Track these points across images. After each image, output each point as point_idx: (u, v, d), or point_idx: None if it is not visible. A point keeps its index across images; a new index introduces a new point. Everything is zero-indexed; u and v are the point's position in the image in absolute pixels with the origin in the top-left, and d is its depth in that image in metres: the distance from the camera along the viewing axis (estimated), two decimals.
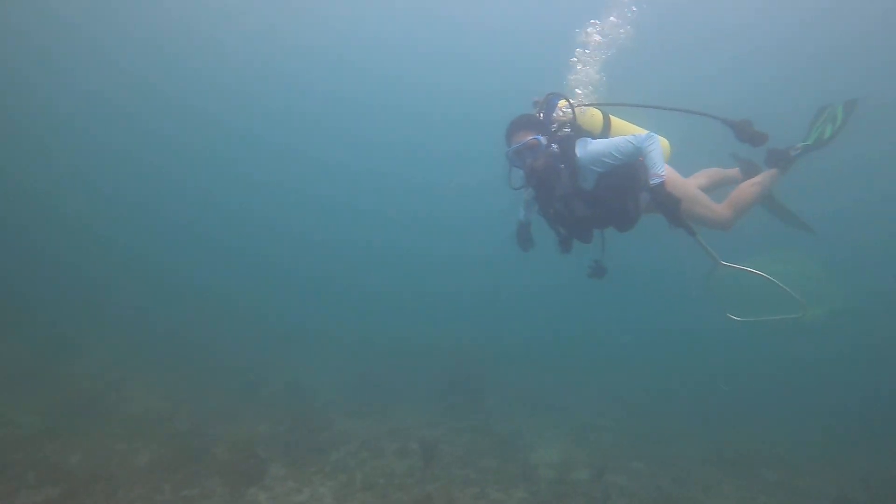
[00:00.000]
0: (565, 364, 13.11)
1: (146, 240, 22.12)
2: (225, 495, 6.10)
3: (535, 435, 9.04)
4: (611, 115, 4.36)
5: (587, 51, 5.10)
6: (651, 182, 3.72)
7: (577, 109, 4.12)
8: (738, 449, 8.58)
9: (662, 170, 3.74)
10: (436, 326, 14.78)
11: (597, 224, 4.15)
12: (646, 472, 7.68)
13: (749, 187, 4.67)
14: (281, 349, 12.39)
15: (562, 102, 4.09)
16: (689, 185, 4.49)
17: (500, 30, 23.70)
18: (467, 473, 7.21)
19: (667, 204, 3.68)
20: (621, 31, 5.65)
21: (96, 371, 9.91)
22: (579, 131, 4.09)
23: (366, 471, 7.08)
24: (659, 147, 3.85)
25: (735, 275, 4.17)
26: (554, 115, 4.05)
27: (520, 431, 9.14)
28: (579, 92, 4.64)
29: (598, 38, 5.42)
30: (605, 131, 4.28)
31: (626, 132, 4.29)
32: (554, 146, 3.87)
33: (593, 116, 4.27)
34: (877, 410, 10.23)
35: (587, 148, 3.88)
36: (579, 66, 4.99)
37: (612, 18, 5.62)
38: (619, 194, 3.96)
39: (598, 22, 5.44)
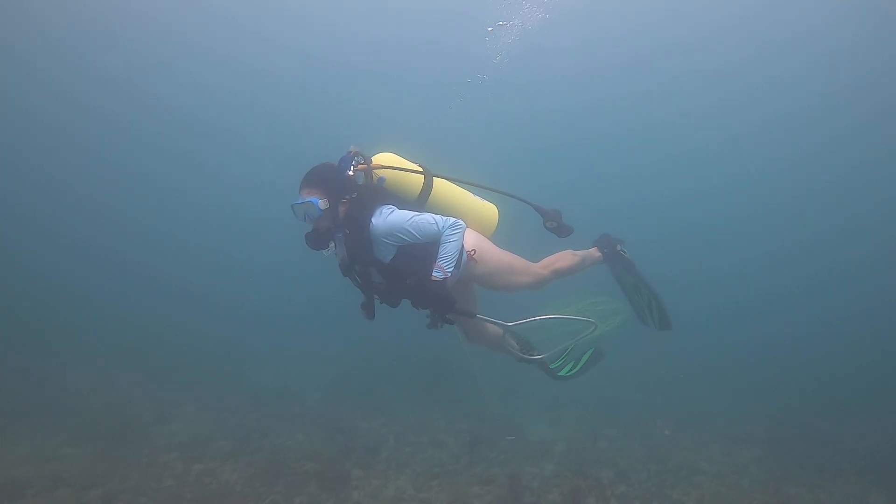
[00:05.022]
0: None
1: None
2: (331, 499, 6.90)
3: (517, 415, 10.78)
4: (436, 179, 3.94)
5: None
6: (433, 273, 3.52)
7: (392, 172, 3.79)
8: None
9: (450, 268, 3.54)
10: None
11: (399, 296, 3.89)
12: (619, 436, 9.79)
13: (571, 256, 4.60)
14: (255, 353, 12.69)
15: (361, 165, 3.73)
16: (502, 255, 4.22)
17: None
18: (498, 455, 8.70)
19: (438, 303, 3.57)
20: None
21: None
22: (386, 196, 3.79)
23: (420, 463, 8.22)
24: (460, 241, 3.61)
25: (529, 328, 4.30)
26: (348, 174, 3.65)
27: (503, 414, 10.80)
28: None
29: None
30: (423, 197, 3.91)
31: (449, 203, 4.00)
32: (339, 210, 3.60)
33: (412, 179, 3.87)
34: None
35: (387, 218, 3.58)
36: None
37: None
38: (417, 272, 3.65)
39: None
